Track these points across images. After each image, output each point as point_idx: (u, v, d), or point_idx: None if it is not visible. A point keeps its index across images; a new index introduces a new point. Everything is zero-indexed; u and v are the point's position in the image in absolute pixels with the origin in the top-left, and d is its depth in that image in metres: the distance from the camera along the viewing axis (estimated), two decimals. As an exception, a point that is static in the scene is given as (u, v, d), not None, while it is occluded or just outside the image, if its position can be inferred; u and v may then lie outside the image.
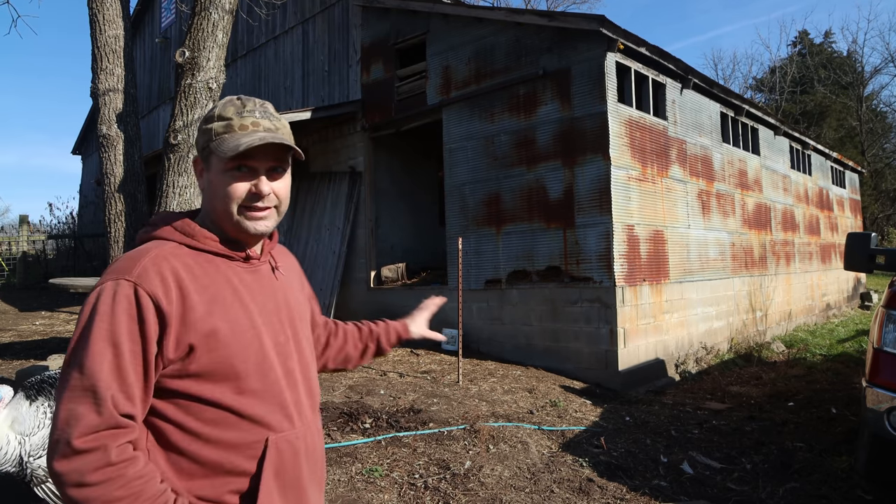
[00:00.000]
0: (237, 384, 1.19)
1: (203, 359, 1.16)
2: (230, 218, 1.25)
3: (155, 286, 1.13)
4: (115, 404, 1.08)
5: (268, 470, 1.20)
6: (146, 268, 1.15)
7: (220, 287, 1.22)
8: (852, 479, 3.96)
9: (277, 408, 1.25)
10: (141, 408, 1.13)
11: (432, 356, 7.58)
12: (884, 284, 17.30)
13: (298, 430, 1.28)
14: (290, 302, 1.37)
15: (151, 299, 1.12)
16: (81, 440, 1.05)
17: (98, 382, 1.07)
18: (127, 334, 1.10)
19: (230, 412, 1.18)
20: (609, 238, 6.92)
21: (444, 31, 8.88)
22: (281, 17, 11.96)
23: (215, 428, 1.17)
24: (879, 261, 4.01)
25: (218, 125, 1.25)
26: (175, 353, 1.14)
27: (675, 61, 8.08)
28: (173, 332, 1.13)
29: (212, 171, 1.26)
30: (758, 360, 8.50)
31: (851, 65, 30.61)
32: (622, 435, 4.90)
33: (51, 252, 18.04)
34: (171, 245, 1.23)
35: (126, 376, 1.10)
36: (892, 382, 3.29)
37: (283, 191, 1.29)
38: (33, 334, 8.87)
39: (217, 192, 1.25)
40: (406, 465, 4.00)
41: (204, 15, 4.61)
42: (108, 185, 4.89)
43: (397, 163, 10.68)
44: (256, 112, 1.25)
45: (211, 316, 1.17)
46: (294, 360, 1.32)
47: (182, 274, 1.18)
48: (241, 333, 1.21)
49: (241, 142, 1.20)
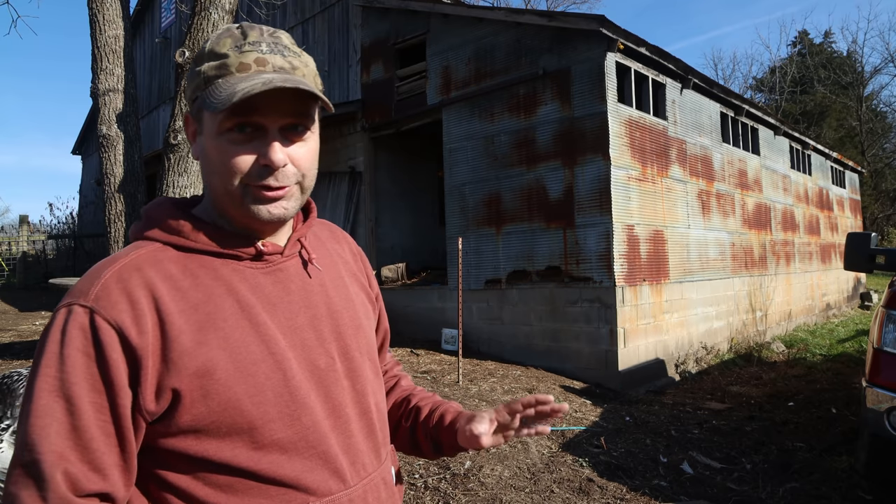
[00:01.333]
0: (252, 437, 0.85)
1: (197, 407, 0.82)
2: (233, 199, 0.88)
3: (119, 311, 0.81)
4: (74, 483, 0.77)
5: None
6: (107, 286, 0.82)
7: (219, 302, 0.86)
8: (852, 478, 3.96)
9: (318, 462, 0.89)
10: (122, 480, 0.81)
11: (432, 356, 7.58)
12: (884, 284, 17.30)
13: (355, 489, 0.92)
14: (334, 306, 0.98)
15: (115, 330, 0.80)
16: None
17: (41, 455, 0.76)
18: (85, 381, 0.78)
19: (247, 475, 0.85)
20: (609, 238, 6.92)
21: (444, 31, 8.88)
22: (281, 17, 11.96)
23: (232, 496, 0.84)
24: (879, 261, 4.01)
25: (209, 66, 0.87)
26: (156, 404, 0.81)
27: (674, 61, 8.08)
28: (151, 373, 0.81)
29: (204, 133, 0.89)
30: (758, 360, 8.50)
31: (851, 65, 30.61)
32: (622, 435, 4.90)
33: (51, 252, 18.05)
34: (152, 248, 0.88)
35: (88, 441, 0.78)
36: (892, 382, 3.29)
37: (304, 159, 0.91)
38: (33, 334, 8.87)
39: (212, 163, 0.88)
40: (406, 465, 4.00)
41: (204, 15, 4.61)
42: (108, 185, 4.90)
43: (397, 163, 10.68)
44: (263, 44, 0.87)
45: (203, 346, 0.83)
46: (343, 387, 0.95)
47: (160, 290, 0.84)
48: (251, 366, 0.85)
49: (237, 88, 0.82)
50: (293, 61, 0.89)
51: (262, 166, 0.87)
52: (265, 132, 0.87)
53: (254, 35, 0.88)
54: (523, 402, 1.02)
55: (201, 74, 0.88)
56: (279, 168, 0.87)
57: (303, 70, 0.90)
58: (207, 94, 0.86)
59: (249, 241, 0.92)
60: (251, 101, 0.83)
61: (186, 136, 1.03)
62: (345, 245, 1.13)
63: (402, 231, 10.72)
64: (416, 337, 8.85)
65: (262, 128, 0.87)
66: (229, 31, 0.90)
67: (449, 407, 1.16)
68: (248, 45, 0.87)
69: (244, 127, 0.86)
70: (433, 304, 8.80)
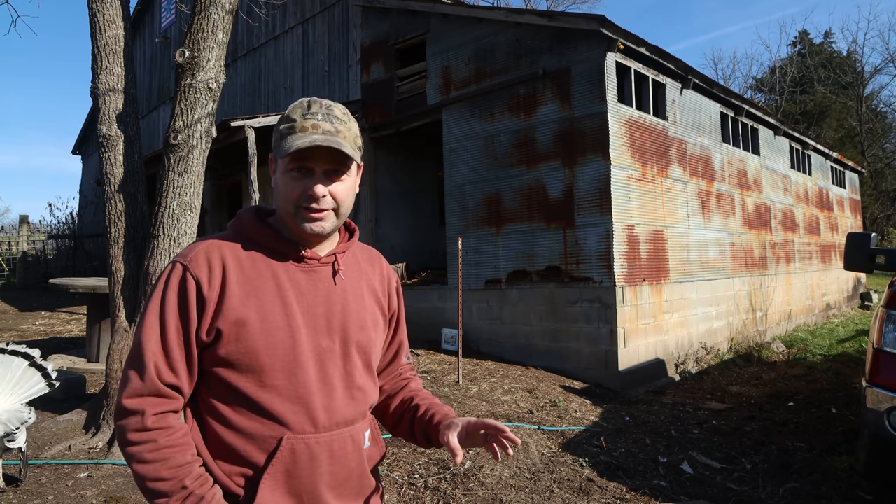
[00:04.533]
0: (260, 377, 1.22)
1: (230, 346, 1.20)
2: (289, 216, 1.27)
3: (201, 271, 1.22)
4: (159, 373, 1.18)
5: (275, 467, 1.21)
6: (198, 254, 1.25)
7: (265, 282, 1.25)
8: (852, 478, 3.96)
9: (301, 409, 1.24)
10: (186, 380, 1.22)
11: (432, 356, 7.58)
12: (884, 284, 17.30)
13: (323, 435, 1.25)
14: (348, 308, 1.33)
15: (195, 281, 1.21)
16: (126, 401, 1.17)
17: (145, 352, 1.19)
18: (173, 311, 1.20)
19: (251, 403, 1.22)
20: (609, 238, 6.92)
21: (444, 31, 8.88)
22: (281, 17, 11.96)
23: (239, 415, 1.22)
24: (879, 261, 4.01)
25: (284, 126, 1.27)
26: (207, 336, 1.21)
27: (674, 61, 8.08)
28: (209, 315, 1.21)
29: (278, 170, 1.30)
30: (758, 360, 8.50)
31: (851, 65, 30.61)
32: (622, 435, 4.90)
33: (51, 252, 18.03)
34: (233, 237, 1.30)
35: (170, 349, 1.19)
36: (892, 382, 3.29)
37: (341, 193, 1.29)
38: (34, 334, 8.87)
39: (279, 190, 1.29)
40: (406, 465, 4.00)
41: (204, 15, 4.61)
42: (108, 185, 4.89)
43: (397, 163, 10.68)
44: (319, 115, 1.27)
45: (244, 307, 1.21)
46: (336, 366, 1.29)
47: (230, 263, 1.24)
48: (272, 329, 1.22)
49: (294, 143, 1.23)
50: (339, 126, 1.28)
51: (308, 195, 1.25)
52: (312, 173, 1.26)
53: (314, 107, 1.28)
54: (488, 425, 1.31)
55: (279, 131, 1.28)
56: (319, 197, 1.25)
57: (345, 133, 1.28)
58: (281, 144, 1.26)
59: (297, 247, 1.30)
60: (303, 151, 1.23)
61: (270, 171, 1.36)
62: (377, 269, 1.47)
63: (402, 231, 10.72)
64: (416, 337, 8.85)
65: (311, 170, 1.26)
66: (300, 103, 1.30)
67: (439, 410, 1.45)
68: (310, 114, 1.27)
69: (301, 168, 1.26)
70: (433, 304, 8.80)
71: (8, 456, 3.64)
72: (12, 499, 3.46)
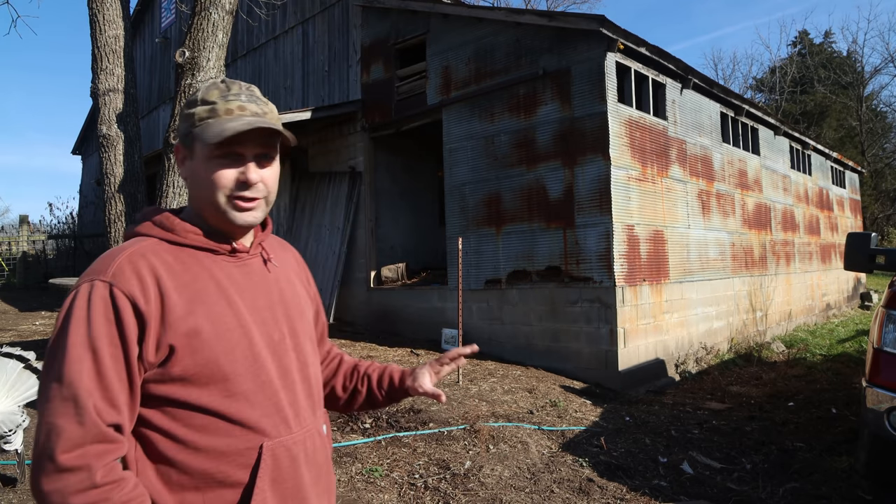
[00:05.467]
0: (225, 386, 1.10)
1: (186, 360, 1.08)
2: (216, 208, 1.16)
3: (131, 286, 1.06)
4: (99, 413, 1.01)
5: (262, 479, 1.12)
6: (121, 266, 1.08)
7: (203, 284, 1.14)
8: (852, 478, 3.96)
9: (272, 410, 1.16)
10: (128, 415, 1.06)
11: (432, 356, 7.58)
12: (884, 284, 17.30)
13: (297, 434, 1.19)
14: (285, 297, 1.27)
15: (128, 299, 1.05)
16: (65, 456, 0.97)
17: (78, 391, 1.00)
18: (106, 338, 1.03)
19: (219, 417, 1.10)
20: (609, 238, 6.92)
21: (444, 31, 8.88)
22: (281, 17, 11.96)
23: (204, 435, 1.09)
24: (879, 261, 4.01)
25: (201, 109, 1.17)
26: (155, 356, 1.07)
27: (674, 61, 8.08)
28: (153, 333, 1.06)
29: (196, 158, 1.18)
30: (758, 360, 8.50)
31: (851, 65, 30.61)
32: (622, 435, 4.90)
33: (51, 252, 18.04)
34: (151, 241, 1.15)
35: (109, 383, 1.02)
36: (892, 382, 3.29)
37: (271, 179, 1.21)
38: (33, 334, 8.87)
39: (202, 180, 1.17)
40: (406, 465, 4.00)
41: (204, 15, 4.61)
42: (108, 185, 4.89)
43: (397, 163, 10.68)
44: (242, 95, 1.19)
45: (192, 315, 1.09)
46: (291, 358, 1.23)
47: (161, 271, 1.10)
48: (226, 332, 1.12)
49: (225, 127, 1.13)
50: (263, 108, 1.21)
51: (241, 182, 1.16)
52: (244, 158, 1.17)
53: (235, 88, 1.20)
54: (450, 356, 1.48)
55: (195, 115, 1.18)
56: (253, 184, 1.17)
57: (271, 114, 1.21)
58: (201, 129, 1.16)
59: (225, 240, 1.21)
60: (235, 136, 1.13)
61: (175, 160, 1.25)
62: (290, 254, 1.43)
63: (402, 231, 10.72)
64: (416, 337, 8.85)
65: (241, 155, 1.17)
66: (215, 85, 1.21)
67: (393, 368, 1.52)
68: (232, 95, 1.18)
69: (228, 154, 1.16)
70: (433, 304, 8.80)
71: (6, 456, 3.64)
72: (12, 499, 3.46)
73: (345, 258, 9.93)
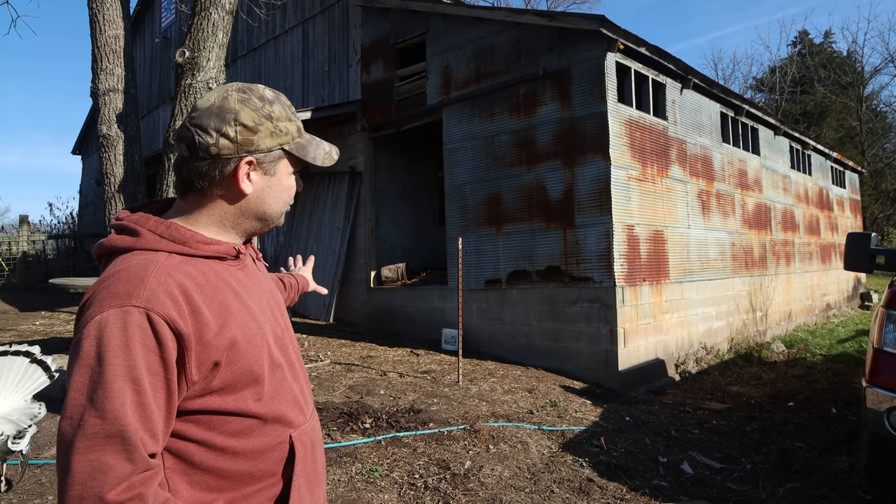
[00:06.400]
0: (256, 389, 1.14)
1: (225, 372, 1.09)
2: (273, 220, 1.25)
3: (168, 308, 1.03)
4: (146, 446, 0.99)
5: (297, 468, 1.18)
6: (153, 289, 1.03)
7: (225, 294, 1.14)
8: (852, 478, 3.96)
9: (292, 402, 1.22)
10: (163, 442, 1.04)
11: (432, 356, 7.58)
12: (884, 284, 17.30)
13: (310, 420, 1.27)
14: (273, 293, 1.34)
15: (167, 324, 1.02)
16: (115, 493, 0.94)
17: (126, 427, 0.96)
18: (146, 367, 1.00)
19: (255, 418, 1.13)
20: (609, 238, 6.92)
21: (444, 31, 8.88)
22: (281, 18, 11.96)
23: (241, 438, 1.12)
24: (879, 261, 4.01)
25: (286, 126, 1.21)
26: (199, 374, 1.06)
27: (674, 61, 8.08)
28: (194, 353, 1.05)
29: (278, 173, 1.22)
30: (758, 360, 8.50)
31: (851, 65, 30.61)
32: (622, 435, 4.90)
33: (51, 252, 18.04)
34: (164, 255, 1.11)
35: (150, 414, 1.00)
36: (892, 382, 3.29)
37: None
38: (34, 334, 8.86)
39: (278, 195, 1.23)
40: (406, 465, 4.00)
41: (204, 15, 4.61)
42: (108, 185, 4.89)
43: (397, 163, 10.68)
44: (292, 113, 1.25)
45: (226, 328, 1.10)
46: (290, 350, 1.30)
47: (189, 289, 1.08)
48: (253, 338, 1.15)
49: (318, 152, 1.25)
50: None
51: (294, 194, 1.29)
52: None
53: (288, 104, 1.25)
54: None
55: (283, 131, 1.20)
56: None
57: None
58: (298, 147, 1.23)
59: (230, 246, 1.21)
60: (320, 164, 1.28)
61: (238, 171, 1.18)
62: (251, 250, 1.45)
63: (402, 231, 10.72)
64: (416, 337, 8.85)
65: None
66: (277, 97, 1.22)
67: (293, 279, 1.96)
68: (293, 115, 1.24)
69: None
70: (433, 304, 8.80)
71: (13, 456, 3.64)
72: (12, 499, 3.46)
73: (345, 258, 9.93)
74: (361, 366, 6.92)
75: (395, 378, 6.38)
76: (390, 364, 7.13)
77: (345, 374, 6.48)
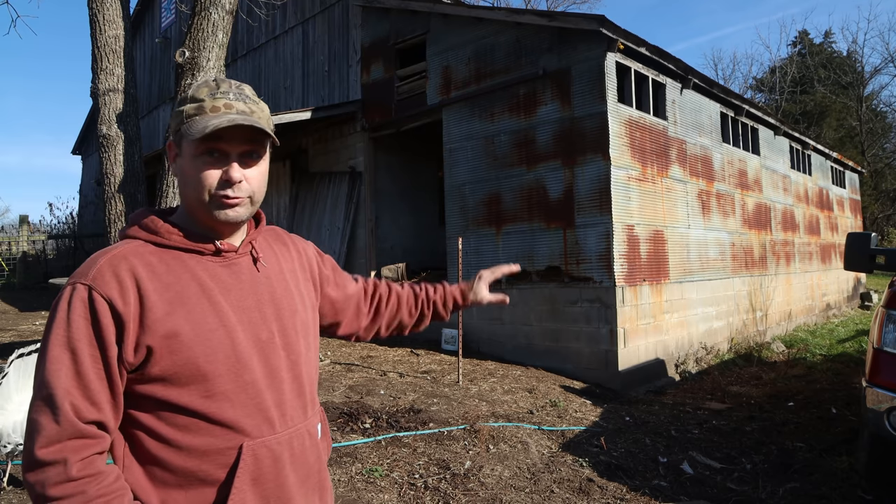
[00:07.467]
0: (205, 387, 1.11)
1: (164, 361, 1.09)
2: (202, 206, 1.17)
3: (110, 288, 1.08)
4: (77, 411, 1.03)
5: (241, 478, 1.13)
6: (101, 269, 1.10)
7: (185, 285, 1.14)
8: (852, 478, 3.96)
9: (254, 411, 1.16)
10: (112, 414, 1.08)
11: (432, 356, 7.58)
12: (884, 284, 17.30)
13: (281, 435, 1.19)
14: (276, 295, 1.26)
15: (106, 301, 1.07)
16: (42, 451, 1.01)
17: (55, 390, 1.03)
18: (85, 338, 1.06)
19: (199, 417, 1.11)
20: (609, 238, 6.92)
21: (444, 32, 8.88)
22: (281, 18, 11.96)
23: (186, 434, 1.11)
24: (879, 261, 4.01)
25: (189, 107, 1.17)
26: (134, 357, 1.08)
27: (674, 61, 8.08)
28: (131, 334, 1.08)
29: (183, 156, 1.18)
30: (758, 360, 8.50)
31: (851, 65, 30.60)
32: (622, 435, 4.90)
33: (51, 252, 18.04)
34: (136, 243, 1.16)
35: (88, 381, 1.05)
36: (892, 382, 3.29)
37: (256, 179, 1.20)
38: (33, 334, 8.86)
39: (188, 178, 1.17)
40: (406, 465, 4.00)
41: (204, 15, 4.61)
42: (108, 185, 4.89)
43: (397, 163, 10.67)
44: (230, 93, 1.18)
45: (171, 316, 1.10)
46: (280, 357, 1.22)
47: (141, 273, 1.11)
48: (207, 333, 1.12)
49: (208, 123, 1.12)
50: (251, 107, 1.19)
51: (223, 180, 1.16)
52: (227, 156, 1.17)
53: (224, 86, 1.19)
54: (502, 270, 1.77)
55: (183, 113, 1.17)
56: (235, 182, 1.16)
57: (259, 114, 1.20)
58: (187, 126, 1.16)
59: (210, 241, 1.20)
60: (218, 132, 1.13)
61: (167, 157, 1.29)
62: (290, 245, 1.41)
63: (402, 231, 10.72)
64: (416, 337, 8.85)
65: (226, 153, 1.16)
66: (206, 83, 1.20)
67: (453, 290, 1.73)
68: (220, 93, 1.17)
69: (213, 152, 1.16)
70: (433, 304, 8.78)
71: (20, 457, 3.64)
72: (12, 499, 3.46)
73: (345, 258, 9.93)
74: (361, 366, 6.92)
75: (395, 378, 6.38)
76: (390, 364, 7.13)
77: (345, 374, 6.48)
